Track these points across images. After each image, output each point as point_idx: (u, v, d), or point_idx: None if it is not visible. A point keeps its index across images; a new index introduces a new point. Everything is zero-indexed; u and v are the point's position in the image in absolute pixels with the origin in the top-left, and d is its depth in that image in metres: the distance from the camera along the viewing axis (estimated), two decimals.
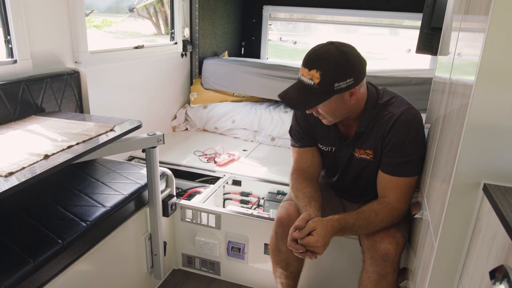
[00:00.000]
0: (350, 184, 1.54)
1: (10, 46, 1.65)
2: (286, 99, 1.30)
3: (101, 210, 1.46)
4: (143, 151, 1.60)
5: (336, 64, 1.20)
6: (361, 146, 1.40)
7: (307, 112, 1.37)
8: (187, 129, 3.10)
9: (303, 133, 1.51)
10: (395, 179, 1.34)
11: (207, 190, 2.14)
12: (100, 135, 1.38)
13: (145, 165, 1.64)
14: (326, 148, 1.50)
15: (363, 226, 1.30)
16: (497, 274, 0.62)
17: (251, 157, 2.58)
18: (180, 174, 2.33)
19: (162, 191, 1.81)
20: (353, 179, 1.51)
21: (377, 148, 1.37)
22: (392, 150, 1.32)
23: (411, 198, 1.37)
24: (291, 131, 1.56)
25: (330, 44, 1.24)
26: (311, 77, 1.22)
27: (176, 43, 2.89)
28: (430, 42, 1.74)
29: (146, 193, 1.69)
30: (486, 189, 0.79)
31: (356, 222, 1.29)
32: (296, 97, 1.27)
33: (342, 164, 1.49)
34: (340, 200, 1.63)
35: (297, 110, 1.40)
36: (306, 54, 1.26)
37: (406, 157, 1.31)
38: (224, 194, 2.34)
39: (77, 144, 1.28)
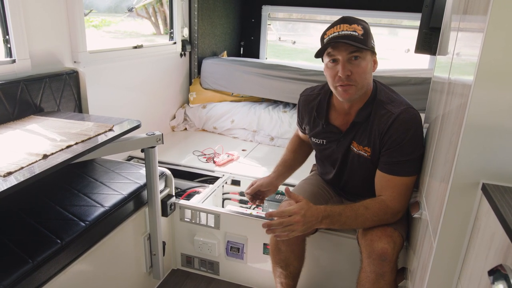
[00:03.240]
0: (347, 181, 1.55)
1: (8, 45, 1.65)
2: (335, 38, 1.29)
3: (100, 210, 1.46)
4: (142, 151, 1.59)
5: (368, 25, 1.33)
6: (360, 142, 1.42)
7: (346, 73, 1.30)
8: (186, 129, 3.10)
9: (298, 122, 1.68)
10: (392, 178, 1.34)
11: (206, 190, 2.13)
12: (99, 135, 1.38)
13: (144, 165, 1.64)
14: (318, 141, 1.55)
15: (351, 218, 1.31)
16: (495, 273, 0.62)
17: (250, 157, 2.58)
18: (179, 174, 2.33)
19: (161, 191, 1.81)
20: (349, 175, 1.52)
21: (375, 147, 1.38)
22: (390, 149, 1.33)
23: (408, 198, 1.37)
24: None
25: None
26: (354, 30, 1.28)
27: (175, 43, 2.88)
28: (429, 42, 1.75)
29: (145, 193, 1.69)
30: (485, 188, 0.79)
31: (343, 212, 1.32)
32: (344, 40, 1.28)
33: (339, 157, 1.50)
34: (339, 199, 1.64)
35: (348, 42, 1.29)
36: (337, 20, 1.32)
37: (404, 157, 1.31)
38: (223, 194, 2.34)
39: (76, 144, 1.28)
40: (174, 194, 1.91)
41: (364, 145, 1.41)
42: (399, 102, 1.36)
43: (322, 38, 1.33)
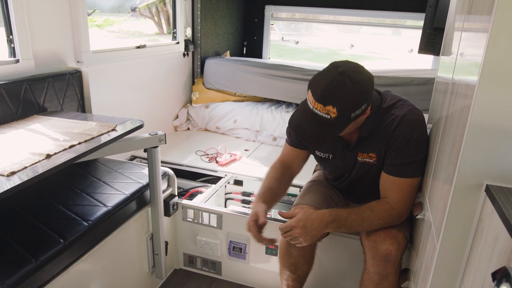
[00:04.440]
0: (353, 187, 1.54)
1: (12, 45, 1.65)
2: (301, 134, 1.28)
3: (103, 210, 1.47)
4: (145, 150, 1.60)
5: (352, 97, 1.18)
6: (364, 150, 1.40)
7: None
8: (188, 128, 3.11)
9: (294, 137, 1.52)
10: (397, 180, 1.33)
11: (208, 190, 2.14)
12: (102, 134, 1.38)
13: (147, 164, 1.64)
14: (323, 155, 1.52)
15: (357, 221, 1.31)
16: (499, 275, 0.62)
17: (252, 157, 2.58)
18: (181, 173, 2.33)
19: (164, 191, 1.81)
20: (355, 182, 1.51)
21: (380, 151, 1.36)
22: (396, 151, 1.32)
23: (413, 199, 1.36)
24: (288, 129, 1.55)
25: (342, 74, 1.18)
26: (327, 112, 1.18)
27: (178, 42, 2.89)
28: (432, 42, 1.74)
29: (147, 192, 1.69)
30: (489, 190, 0.78)
31: (349, 215, 1.31)
32: (311, 131, 1.24)
33: (345, 170, 1.50)
34: (346, 202, 1.63)
35: (315, 145, 1.41)
36: (318, 88, 1.20)
37: (409, 158, 1.31)
38: (225, 194, 2.34)
39: (79, 143, 1.28)
40: (176, 194, 1.92)
41: (368, 152, 1.39)
42: (402, 105, 1.34)
43: (308, 87, 1.26)
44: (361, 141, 1.39)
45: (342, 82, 1.18)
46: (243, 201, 2.33)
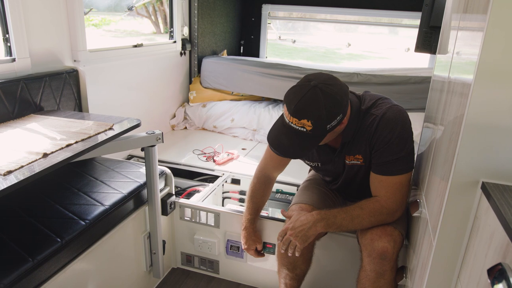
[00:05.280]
0: (347, 188, 1.56)
1: (8, 44, 1.65)
2: (279, 147, 1.29)
3: (100, 209, 1.46)
4: (142, 149, 1.60)
5: (326, 110, 1.19)
6: (350, 153, 1.41)
7: None
8: (186, 127, 3.10)
9: None
10: (385, 178, 1.33)
11: (206, 189, 2.14)
12: (99, 133, 1.38)
13: (144, 163, 1.64)
14: (312, 164, 1.54)
15: (346, 219, 1.33)
16: (495, 272, 0.62)
17: (250, 156, 2.58)
18: (179, 172, 2.33)
19: (161, 190, 1.81)
20: (348, 183, 1.52)
21: (366, 152, 1.36)
22: (379, 150, 1.32)
23: (404, 195, 1.36)
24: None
25: (314, 87, 1.19)
26: (303, 125, 1.20)
27: (175, 41, 2.88)
28: (429, 41, 1.75)
29: (145, 191, 1.69)
30: (485, 187, 0.79)
31: (338, 214, 1.34)
32: (289, 144, 1.26)
33: (335, 173, 1.52)
34: (343, 201, 1.64)
35: (294, 157, 1.43)
36: (292, 102, 1.21)
37: (393, 155, 1.30)
38: (223, 192, 2.34)
39: (76, 142, 1.28)
40: (174, 193, 1.91)
41: (355, 154, 1.40)
42: (382, 104, 1.34)
43: (283, 101, 1.27)
44: (346, 145, 1.40)
45: (315, 95, 1.19)
46: (241, 200, 2.33)
